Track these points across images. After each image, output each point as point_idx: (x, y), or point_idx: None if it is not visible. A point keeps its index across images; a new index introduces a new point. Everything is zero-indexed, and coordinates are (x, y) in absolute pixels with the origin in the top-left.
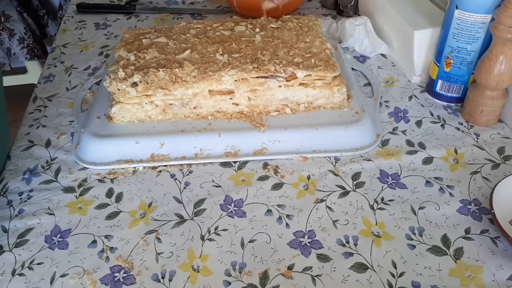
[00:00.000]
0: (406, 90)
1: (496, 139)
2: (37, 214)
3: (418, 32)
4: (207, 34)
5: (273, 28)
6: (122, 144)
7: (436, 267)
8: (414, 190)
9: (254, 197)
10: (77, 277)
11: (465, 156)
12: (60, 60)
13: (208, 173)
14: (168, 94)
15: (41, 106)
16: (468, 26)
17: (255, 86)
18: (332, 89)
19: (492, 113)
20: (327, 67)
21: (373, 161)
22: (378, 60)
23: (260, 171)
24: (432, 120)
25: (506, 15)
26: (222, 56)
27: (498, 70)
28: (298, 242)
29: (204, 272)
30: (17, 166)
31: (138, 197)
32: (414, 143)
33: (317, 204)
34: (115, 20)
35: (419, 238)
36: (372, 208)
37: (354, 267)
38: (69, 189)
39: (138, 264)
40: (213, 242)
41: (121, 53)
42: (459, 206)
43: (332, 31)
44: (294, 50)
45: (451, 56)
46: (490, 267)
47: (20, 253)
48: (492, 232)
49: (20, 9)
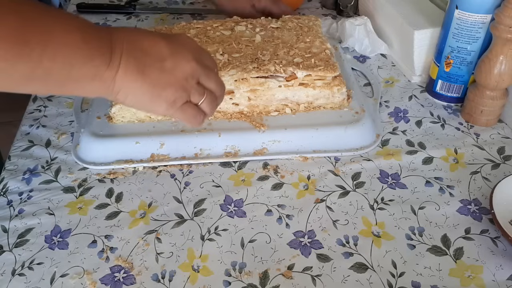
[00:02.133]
0: (406, 90)
1: (496, 139)
2: (37, 214)
3: (418, 32)
4: (207, 34)
5: (273, 28)
6: (122, 144)
7: (436, 267)
8: (414, 190)
9: (254, 197)
10: (77, 277)
11: (465, 156)
12: None
13: (208, 173)
14: None
15: (41, 106)
16: (468, 26)
17: (255, 86)
18: (332, 89)
19: (492, 113)
20: (327, 67)
21: (373, 161)
22: (378, 60)
23: (260, 171)
24: (432, 120)
25: (506, 15)
26: (222, 56)
27: (498, 70)
28: (298, 242)
29: (204, 272)
30: (17, 166)
31: (138, 197)
32: (414, 143)
33: (317, 204)
34: (115, 20)
35: (419, 238)
36: (372, 208)
37: (354, 267)
38: (69, 189)
39: (138, 264)
40: (213, 242)
41: None
42: (459, 206)
43: (332, 31)
44: (294, 50)
45: (451, 56)
46: (490, 267)
47: (20, 253)
48: (492, 232)
49: None
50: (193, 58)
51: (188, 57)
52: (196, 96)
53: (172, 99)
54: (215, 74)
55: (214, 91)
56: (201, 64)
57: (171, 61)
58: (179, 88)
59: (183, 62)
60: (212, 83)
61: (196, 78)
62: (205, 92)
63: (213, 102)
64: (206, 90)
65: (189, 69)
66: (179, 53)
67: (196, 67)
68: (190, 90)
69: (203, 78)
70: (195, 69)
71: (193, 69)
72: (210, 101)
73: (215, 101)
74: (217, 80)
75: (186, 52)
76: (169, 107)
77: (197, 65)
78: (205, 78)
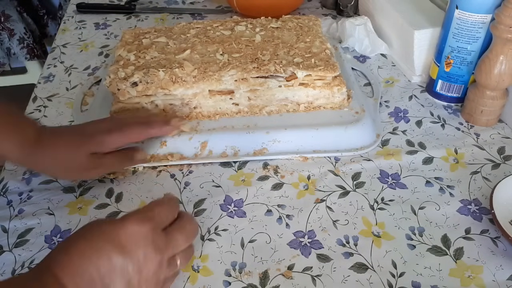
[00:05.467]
0: (406, 90)
1: (496, 139)
2: (37, 214)
3: (418, 32)
4: (207, 34)
5: (273, 28)
6: None
7: (436, 267)
8: (414, 190)
9: (254, 197)
10: None
11: (465, 156)
12: (60, 60)
13: (208, 173)
14: (168, 94)
15: (41, 106)
16: (468, 26)
17: (255, 86)
18: (332, 89)
19: (492, 113)
20: (327, 67)
21: (373, 161)
22: (378, 60)
23: (260, 171)
24: (432, 120)
25: (506, 15)
26: (222, 56)
27: (498, 70)
28: (298, 242)
29: (204, 272)
30: (17, 166)
31: (138, 197)
32: (414, 143)
33: (317, 204)
34: (115, 20)
35: (419, 238)
36: (372, 208)
37: (354, 267)
38: (69, 189)
39: None
40: (213, 242)
41: (121, 53)
42: (459, 206)
43: (332, 31)
44: (294, 50)
45: (451, 56)
46: (490, 267)
47: (20, 253)
48: (492, 232)
49: (20, 9)
50: (151, 248)
51: (147, 255)
52: (170, 271)
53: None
54: (180, 234)
55: (185, 247)
56: (162, 246)
57: (133, 273)
58: (155, 285)
59: (144, 265)
60: (181, 245)
61: (164, 263)
62: (177, 262)
63: (187, 255)
64: (178, 255)
65: (154, 266)
66: (134, 258)
67: (160, 257)
68: (164, 275)
69: (170, 253)
70: (159, 259)
71: (157, 260)
72: (185, 259)
73: (190, 251)
74: (184, 238)
75: (141, 250)
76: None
77: (159, 253)
78: (172, 251)
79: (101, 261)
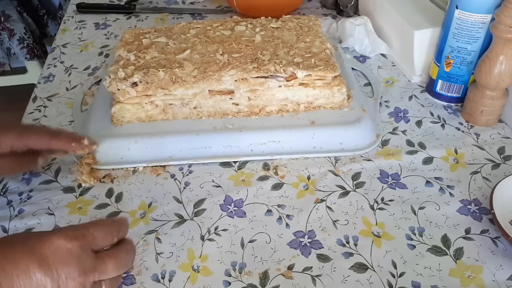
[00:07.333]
0: (406, 90)
1: (496, 139)
2: (37, 214)
3: (418, 32)
4: (207, 34)
5: (273, 28)
6: (122, 144)
7: (436, 267)
8: (414, 190)
9: (254, 197)
10: None
11: (465, 156)
12: (60, 60)
13: (208, 173)
14: (168, 94)
15: (41, 106)
16: (468, 26)
17: (255, 86)
18: (332, 89)
19: (492, 113)
20: (327, 67)
21: (373, 161)
22: (378, 60)
23: (260, 171)
24: (432, 120)
25: (506, 15)
26: (222, 56)
27: (498, 70)
28: (298, 242)
29: (204, 272)
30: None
31: (138, 197)
32: (414, 143)
33: (317, 204)
34: (115, 20)
35: (419, 238)
36: (372, 208)
37: (354, 267)
38: (69, 189)
39: (138, 264)
40: (213, 242)
41: (121, 53)
42: (459, 206)
43: (332, 31)
44: (294, 50)
45: (451, 56)
46: (490, 267)
47: None
48: (492, 232)
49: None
50: (75, 267)
51: (69, 273)
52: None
53: None
54: (111, 261)
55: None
56: (88, 268)
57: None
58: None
59: (64, 284)
60: (109, 273)
61: (87, 286)
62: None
63: (114, 285)
64: (104, 281)
65: (75, 287)
66: (54, 275)
67: (83, 279)
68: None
69: (96, 278)
70: (81, 281)
71: (80, 282)
72: (111, 287)
73: (117, 280)
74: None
75: (64, 268)
76: None
77: (83, 275)
78: (99, 276)
79: (16, 272)
